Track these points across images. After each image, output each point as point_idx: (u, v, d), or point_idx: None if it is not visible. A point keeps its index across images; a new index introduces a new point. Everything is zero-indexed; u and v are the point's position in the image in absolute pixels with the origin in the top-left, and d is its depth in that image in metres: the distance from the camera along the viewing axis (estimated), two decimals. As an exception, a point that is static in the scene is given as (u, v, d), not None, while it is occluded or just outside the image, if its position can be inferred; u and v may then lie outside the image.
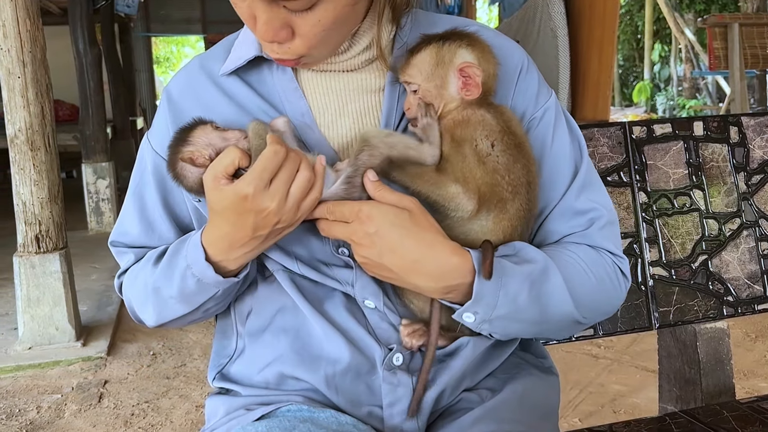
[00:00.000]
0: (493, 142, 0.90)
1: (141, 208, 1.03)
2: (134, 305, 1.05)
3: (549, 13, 4.99)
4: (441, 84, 0.91)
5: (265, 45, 0.89)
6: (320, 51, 0.90)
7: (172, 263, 0.95)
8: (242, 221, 0.85)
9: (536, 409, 1.00)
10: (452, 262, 0.86)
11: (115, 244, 1.07)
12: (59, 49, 6.59)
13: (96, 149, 5.96)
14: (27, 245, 3.28)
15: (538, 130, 0.99)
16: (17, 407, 2.88)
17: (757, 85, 9.06)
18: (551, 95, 1.03)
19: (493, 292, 0.86)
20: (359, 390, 0.95)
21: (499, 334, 0.93)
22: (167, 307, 0.98)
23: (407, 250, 0.85)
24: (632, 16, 16.21)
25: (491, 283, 0.85)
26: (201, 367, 3.22)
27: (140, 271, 1.02)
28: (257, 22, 0.84)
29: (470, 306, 0.87)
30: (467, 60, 0.91)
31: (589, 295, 0.95)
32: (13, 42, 3.10)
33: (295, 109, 0.96)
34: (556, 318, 0.93)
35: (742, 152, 1.45)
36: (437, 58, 0.91)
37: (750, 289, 1.42)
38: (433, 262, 0.85)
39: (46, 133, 3.23)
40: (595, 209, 0.99)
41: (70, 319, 3.38)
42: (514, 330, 0.93)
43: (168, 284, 0.95)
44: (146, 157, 1.04)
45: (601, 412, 2.69)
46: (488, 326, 0.89)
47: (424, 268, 0.86)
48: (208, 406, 1.06)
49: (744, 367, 3.02)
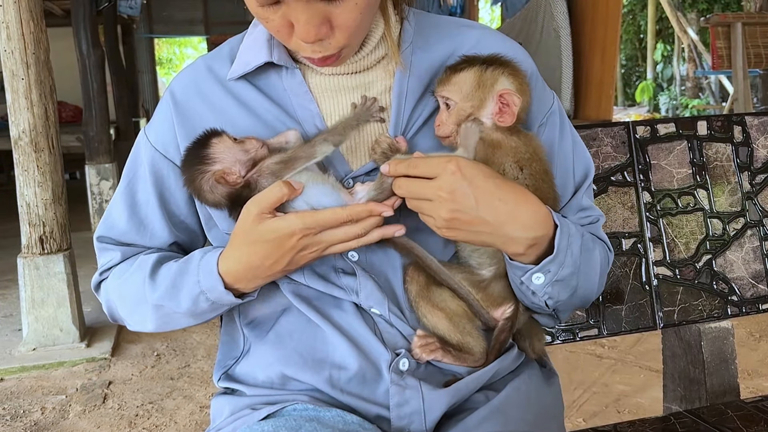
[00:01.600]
0: (522, 167, 0.92)
1: (132, 204, 1.03)
2: (117, 308, 1.04)
3: (552, 12, 4.99)
4: (478, 105, 0.93)
5: (305, 49, 0.88)
6: (357, 39, 0.90)
7: (178, 284, 0.94)
8: (278, 255, 0.87)
9: (542, 409, 1.01)
10: (543, 211, 0.88)
11: (102, 240, 1.05)
12: (62, 51, 6.61)
13: (99, 150, 5.97)
14: (31, 246, 3.29)
15: (546, 133, 1.01)
16: (22, 408, 2.89)
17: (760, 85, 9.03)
18: (554, 97, 1.05)
19: (564, 250, 0.89)
20: (365, 392, 0.95)
21: (554, 300, 0.94)
22: (173, 320, 0.99)
23: (505, 199, 0.85)
24: (635, 16, 16.19)
25: (563, 242, 0.89)
26: (205, 367, 3.22)
27: (130, 278, 1.00)
28: (296, 26, 0.84)
29: (548, 262, 0.89)
30: (508, 88, 0.93)
31: (599, 276, 1.01)
32: (17, 44, 3.11)
33: (305, 112, 0.96)
34: (585, 288, 0.97)
35: (746, 151, 1.45)
36: (480, 80, 0.93)
37: (754, 289, 1.41)
38: (527, 211, 0.87)
39: (50, 134, 3.23)
40: (593, 207, 1.06)
41: (74, 320, 3.38)
42: (565, 297, 0.95)
43: (174, 303, 0.95)
44: (143, 153, 1.03)
45: (605, 412, 2.68)
46: (550, 290, 0.91)
47: (520, 217, 0.86)
48: (214, 406, 1.06)
49: (748, 367, 3.02)
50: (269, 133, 0.96)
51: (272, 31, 0.88)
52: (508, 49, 0.99)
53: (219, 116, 0.97)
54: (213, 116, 0.98)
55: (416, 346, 0.94)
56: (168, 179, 1.01)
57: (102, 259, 1.06)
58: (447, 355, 0.95)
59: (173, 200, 1.02)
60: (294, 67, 0.98)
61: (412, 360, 0.94)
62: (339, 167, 0.96)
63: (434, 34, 1.01)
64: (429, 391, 0.93)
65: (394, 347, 0.95)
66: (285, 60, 0.97)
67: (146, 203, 1.02)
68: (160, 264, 0.98)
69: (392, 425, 0.93)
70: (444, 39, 1.00)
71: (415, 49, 0.98)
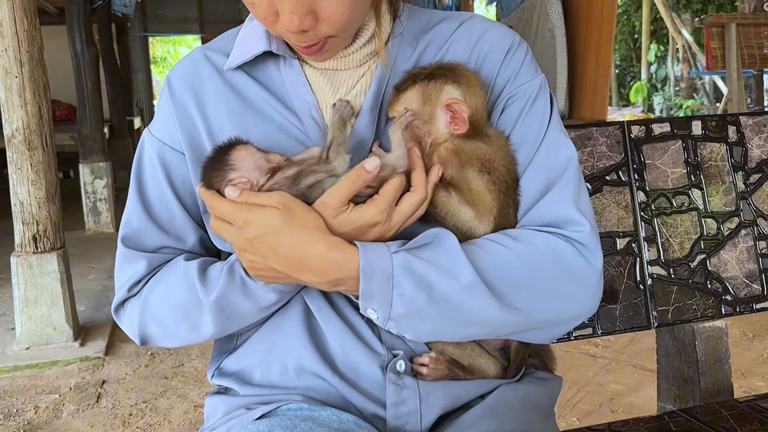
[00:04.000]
0: (489, 170, 0.92)
1: (146, 205, 1.00)
2: (158, 324, 0.98)
3: (547, 13, 5.00)
4: (429, 120, 0.93)
5: (289, 37, 0.89)
6: (346, 33, 0.90)
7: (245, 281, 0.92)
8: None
9: (537, 408, 1.00)
10: (332, 257, 0.83)
11: (127, 242, 1.01)
12: (56, 49, 6.58)
13: (93, 149, 5.95)
14: (24, 245, 3.27)
15: (513, 105, 0.97)
16: (15, 407, 2.87)
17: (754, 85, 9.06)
18: (537, 77, 0.99)
19: (385, 291, 0.83)
20: (363, 383, 0.94)
21: (412, 335, 0.88)
22: (236, 318, 0.95)
23: (287, 251, 0.83)
24: (629, 17, 16.24)
25: (381, 282, 0.83)
26: (199, 366, 3.21)
27: (171, 286, 0.96)
28: (280, 15, 0.84)
29: (362, 303, 0.85)
30: (453, 96, 0.92)
31: (528, 291, 0.88)
32: (11, 41, 3.09)
33: (302, 103, 0.97)
34: (488, 320, 0.86)
35: (741, 151, 1.45)
36: (424, 95, 0.92)
37: (748, 288, 1.42)
38: (314, 259, 0.83)
39: (44, 132, 3.22)
40: (579, 221, 0.94)
41: (67, 319, 3.37)
42: (428, 330, 0.88)
43: (241, 297, 0.93)
44: (147, 150, 1.01)
45: (599, 411, 2.69)
46: (394, 325, 0.86)
47: (307, 265, 0.84)
48: (208, 405, 1.05)
49: (742, 366, 3.03)
50: (265, 123, 0.96)
51: (259, 18, 0.88)
52: (492, 31, 1.00)
53: (214, 103, 0.98)
54: (208, 103, 0.98)
55: (427, 364, 0.94)
56: (178, 168, 0.99)
57: (125, 273, 1.01)
58: (454, 378, 0.95)
59: (186, 190, 1.00)
60: (292, 57, 0.98)
61: (408, 363, 0.94)
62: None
63: (423, 28, 1.01)
64: (427, 393, 0.93)
65: (392, 347, 0.95)
66: (283, 50, 0.97)
67: (161, 199, 1.00)
68: (204, 266, 0.96)
69: (388, 424, 0.93)
70: (431, 33, 1.00)
71: (403, 44, 0.98)
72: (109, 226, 5.97)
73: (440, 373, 0.94)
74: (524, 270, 0.87)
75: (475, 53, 0.99)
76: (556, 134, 0.97)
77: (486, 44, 0.99)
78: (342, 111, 0.91)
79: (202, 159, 0.93)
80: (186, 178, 1.00)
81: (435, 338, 0.92)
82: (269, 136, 0.96)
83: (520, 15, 5.50)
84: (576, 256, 0.90)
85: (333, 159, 0.88)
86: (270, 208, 0.84)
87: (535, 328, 0.91)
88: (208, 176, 0.90)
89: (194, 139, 0.99)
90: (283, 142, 0.95)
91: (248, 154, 0.88)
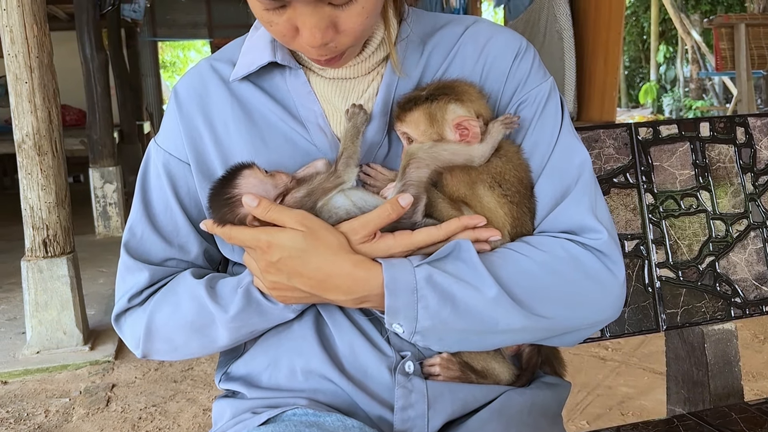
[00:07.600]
0: (500, 183, 0.92)
1: (151, 215, 1.00)
2: (164, 337, 0.99)
3: (554, 14, 4.99)
4: (439, 139, 0.92)
5: (310, 52, 0.88)
6: (361, 41, 0.91)
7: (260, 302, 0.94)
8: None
9: (544, 413, 0.99)
10: (357, 274, 0.85)
11: (130, 250, 1.01)
12: (66, 55, 6.64)
13: (103, 153, 5.99)
14: (35, 250, 3.29)
15: (524, 111, 0.97)
16: (25, 411, 2.89)
17: (764, 86, 9.02)
18: (546, 81, 1.00)
19: (410, 305, 0.85)
20: (371, 385, 0.94)
21: (438, 346, 0.91)
22: (250, 330, 0.98)
23: (312, 271, 0.85)
24: (638, 18, 16.18)
25: (405, 297, 0.84)
26: (208, 370, 3.22)
27: (181, 301, 0.96)
28: (302, 30, 0.84)
29: (388, 318, 0.86)
30: (460, 114, 0.92)
31: (551, 299, 0.89)
32: (21, 47, 3.12)
33: (309, 112, 0.97)
34: (512, 328, 0.87)
35: (749, 153, 1.44)
36: (430, 117, 0.92)
37: (758, 291, 1.41)
38: (339, 278, 0.85)
39: (54, 137, 3.24)
40: (598, 228, 0.94)
41: (77, 323, 3.39)
42: (454, 341, 0.89)
43: (257, 317, 0.95)
44: (153, 160, 1.01)
45: (608, 414, 2.68)
46: (420, 338, 0.87)
47: (332, 284, 0.86)
48: (215, 408, 1.05)
49: (752, 369, 3.01)
50: (272, 133, 0.96)
51: (276, 35, 0.88)
52: (499, 36, 1.00)
53: (220, 115, 0.98)
54: (214, 115, 0.98)
55: (438, 365, 0.94)
56: (184, 179, 1.00)
57: (126, 283, 1.00)
58: (466, 381, 0.95)
59: (191, 201, 1.01)
60: (297, 67, 0.98)
61: (417, 363, 0.94)
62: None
63: (428, 31, 1.01)
64: (435, 398, 0.93)
65: (400, 349, 0.94)
66: (288, 60, 0.97)
67: (166, 210, 1.00)
68: (211, 284, 0.96)
69: (394, 428, 0.92)
70: (437, 36, 1.00)
71: (411, 47, 0.98)
72: (119, 230, 5.99)
73: (452, 374, 0.94)
74: (545, 278, 0.88)
75: (482, 59, 0.99)
76: (569, 138, 0.97)
77: (493, 49, 0.99)
78: (356, 118, 0.91)
79: (209, 174, 0.93)
80: (191, 188, 1.00)
81: (461, 348, 0.93)
82: (276, 146, 0.96)
83: (527, 17, 5.49)
84: (595, 262, 0.91)
85: (342, 172, 0.89)
86: (292, 230, 0.85)
87: (558, 334, 0.92)
88: (217, 210, 0.90)
89: (200, 150, 0.99)
90: (290, 152, 0.96)
91: (256, 181, 0.88)
